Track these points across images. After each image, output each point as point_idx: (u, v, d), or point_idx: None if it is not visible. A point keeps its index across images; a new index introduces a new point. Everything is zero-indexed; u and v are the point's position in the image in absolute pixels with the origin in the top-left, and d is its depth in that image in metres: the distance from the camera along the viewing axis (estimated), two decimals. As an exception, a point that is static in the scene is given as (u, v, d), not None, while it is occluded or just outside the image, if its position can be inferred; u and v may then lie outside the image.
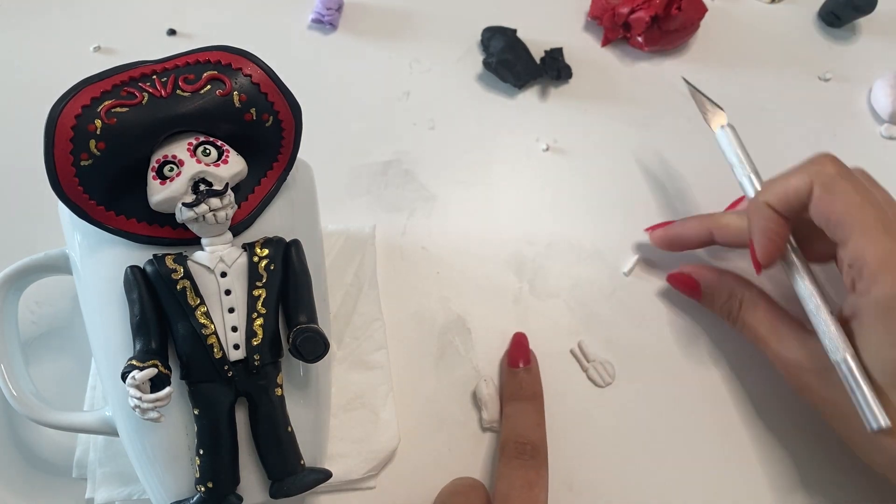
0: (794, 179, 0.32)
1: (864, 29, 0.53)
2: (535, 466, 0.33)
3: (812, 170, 0.31)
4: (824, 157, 0.32)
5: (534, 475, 0.33)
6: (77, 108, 0.25)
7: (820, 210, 0.31)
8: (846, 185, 0.30)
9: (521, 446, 0.34)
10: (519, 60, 0.47)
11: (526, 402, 0.36)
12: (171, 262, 0.27)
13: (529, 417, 0.35)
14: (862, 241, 0.29)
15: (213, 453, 0.28)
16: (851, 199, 0.30)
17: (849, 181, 0.30)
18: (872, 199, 0.30)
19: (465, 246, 0.42)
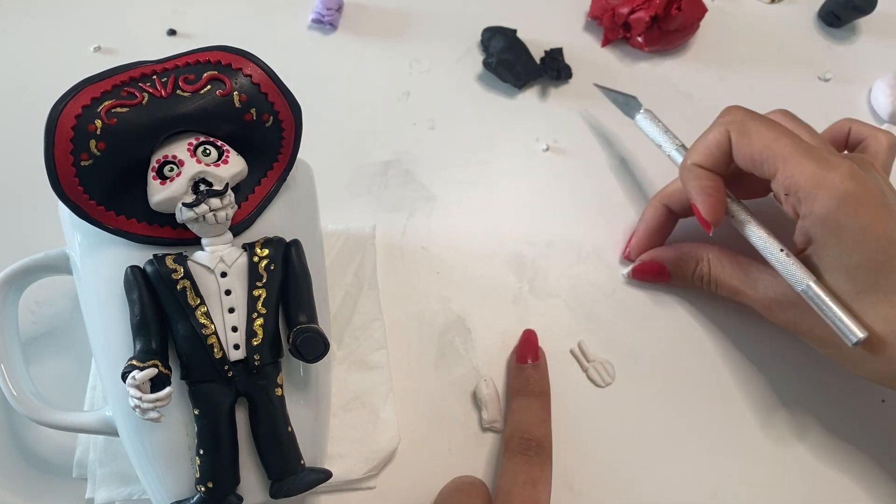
0: (711, 135, 0.34)
1: (864, 29, 0.53)
2: (538, 463, 0.33)
3: (724, 120, 0.34)
4: (732, 107, 0.34)
5: (537, 471, 0.33)
6: (77, 109, 0.25)
7: (742, 154, 0.33)
8: (757, 124, 0.32)
9: (526, 442, 0.34)
10: (519, 60, 0.47)
11: (533, 397, 0.36)
12: (172, 262, 0.27)
13: (535, 413, 0.35)
14: (788, 168, 0.31)
15: (214, 453, 0.28)
16: (766, 135, 0.32)
17: (759, 121, 0.33)
18: (784, 130, 0.32)
19: (465, 246, 0.42)
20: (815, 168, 0.30)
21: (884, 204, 0.30)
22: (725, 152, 0.33)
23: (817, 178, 0.30)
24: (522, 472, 0.33)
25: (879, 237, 0.30)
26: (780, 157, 0.31)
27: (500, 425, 0.37)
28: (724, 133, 0.33)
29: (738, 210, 0.35)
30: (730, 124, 0.33)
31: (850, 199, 0.30)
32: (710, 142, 0.34)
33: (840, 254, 0.31)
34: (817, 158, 0.31)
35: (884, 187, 0.32)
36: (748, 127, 0.32)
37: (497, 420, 0.37)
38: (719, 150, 0.33)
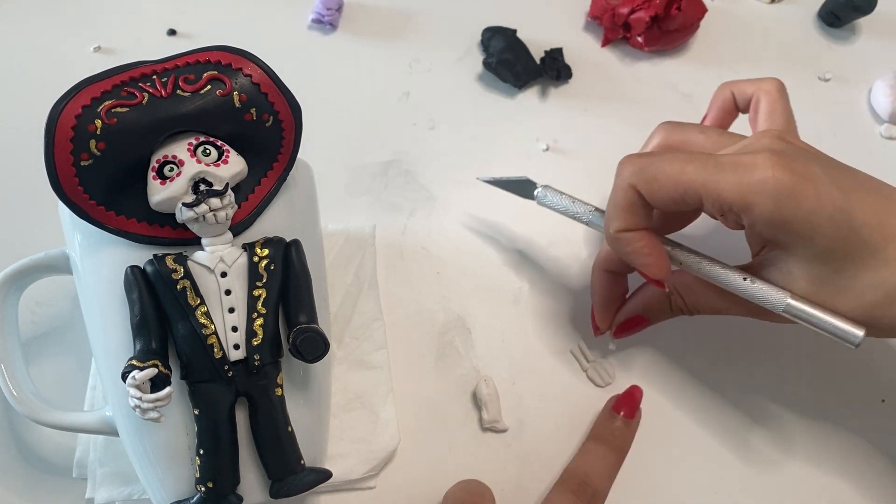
0: (619, 196, 0.31)
1: (864, 29, 0.53)
2: None
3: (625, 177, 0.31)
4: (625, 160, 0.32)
5: None
6: (77, 108, 0.25)
7: (659, 201, 0.31)
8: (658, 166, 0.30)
9: (583, 486, 0.33)
10: (519, 60, 0.47)
11: (610, 450, 0.35)
12: (172, 262, 0.27)
13: (606, 465, 0.34)
14: (710, 193, 0.29)
15: (214, 453, 0.28)
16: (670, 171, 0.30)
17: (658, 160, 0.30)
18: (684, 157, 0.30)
19: (465, 246, 0.42)
20: (736, 178, 0.28)
21: (818, 177, 0.28)
22: (642, 206, 0.31)
23: (743, 188, 0.28)
24: None
25: (832, 215, 0.28)
26: (696, 185, 0.29)
27: (500, 425, 0.37)
28: (631, 189, 0.31)
29: (683, 255, 0.33)
30: (632, 178, 0.31)
31: (785, 192, 0.28)
32: (621, 204, 0.31)
33: (799, 246, 0.29)
34: (732, 166, 0.29)
35: (807, 156, 0.30)
36: (649, 173, 0.30)
37: (497, 420, 0.37)
38: (635, 208, 0.31)
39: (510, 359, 0.39)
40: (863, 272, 0.29)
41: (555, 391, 0.38)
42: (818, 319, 0.30)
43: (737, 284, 0.31)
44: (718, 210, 0.30)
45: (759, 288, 0.31)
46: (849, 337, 0.30)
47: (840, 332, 0.30)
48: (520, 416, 0.37)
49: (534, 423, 0.37)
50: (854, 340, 0.29)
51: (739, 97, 0.37)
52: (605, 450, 0.35)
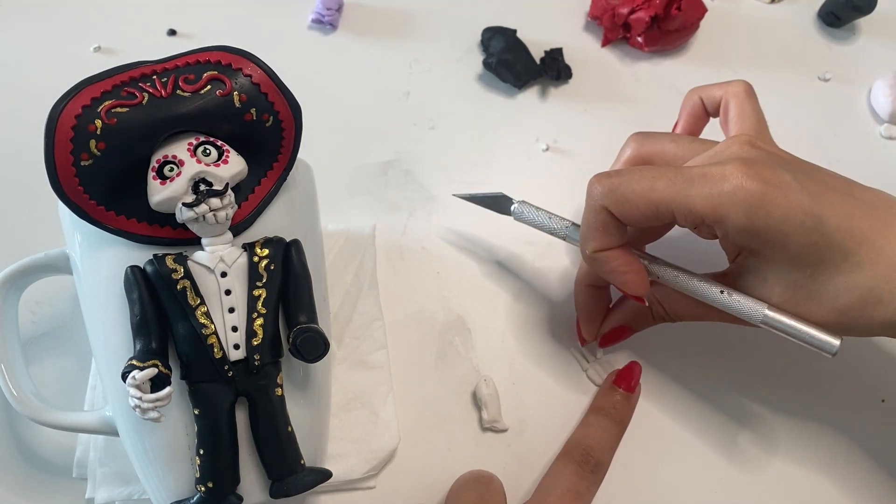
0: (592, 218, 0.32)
1: (863, 29, 0.53)
2: (588, 479, 0.33)
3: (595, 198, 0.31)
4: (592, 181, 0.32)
5: (584, 487, 0.33)
6: (77, 109, 0.25)
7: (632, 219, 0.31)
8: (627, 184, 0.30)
9: (587, 457, 0.34)
10: (519, 60, 0.47)
11: (612, 422, 0.36)
12: (172, 262, 0.27)
13: (608, 437, 0.35)
14: (682, 209, 0.29)
15: (214, 453, 0.28)
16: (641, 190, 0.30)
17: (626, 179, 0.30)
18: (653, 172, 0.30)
19: (465, 246, 0.42)
20: (706, 191, 0.29)
21: (788, 184, 0.28)
22: (616, 225, 0.31)
23: (714, 200, 0.28)
24: (570, 481, 0.33)
25: (802, 221, 0.28)
26: (668, 201, 0.29)
27: (500, 425, 0.37)
28: (603, 210, 0.31)
29: (660, 269, 0.33)
30: (601, 199, 0.31)
31: (755, 202, 0.28)
32: (595, 225, 0.31)
33: (772, 253, 0.29)
34: (701, 179, 0.29)
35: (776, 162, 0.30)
36: (620, 193, 0.30)
37: (497, 420, 0.37)
38: (609, 227, 0.31)
39: (510, 359, 0.39)
40: (836, 276, 0.29)
41: (555, 391, 0.38)
42: (795, 330, 0.30)
43: (714, 297, 0.31)
44: (691, 223, 0.30)
45: (736, 301, 0.31)
46: (825, 346, 0.30)
47: (817, 342, 0.30)
48: (520, 416, 0.37)
49: (534, 423, 0.37)
50: (830, 350, 0.30)
51: (708, 102, 0.37)
52: (606, 422, 0.36)
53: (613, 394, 0.37)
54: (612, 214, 0.31)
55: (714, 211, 0.29)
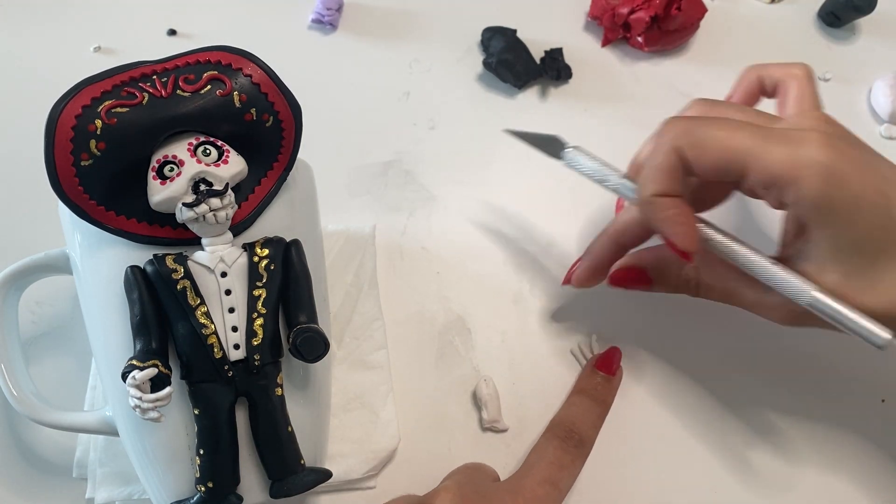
0: (660, 158, 0.30)
1: (864, 29, 0.53)
2: (572, 454, 0.34)
3: (669, 138, 0.30)
4: (671, 121, 0.31)
5: (568, 460, 0.33)
6: (77, 108, 0.25)
7: (703, 166, 0.30)
8: (706, 129, 0.29)
9: (569, 433, 0.34)
10: (519, 60, 0.47)
11: (593, 401, 0.36)
12: (172, 262, 0.27)
13: (590, 415, 0.36)
14: (759, 163, 0.28)
15: (214, 453, 0.28)
16: (720, 136, 0.29)
17: (706, 124, 0.30)
18: (737, 125, 0.29)
19: (465, 246, 0.42)
20: (786, 151, 0.28)
21: (864, 162, 0.28)
22: (681, 171, 0.30)
23: (793, 161, 0.28)
24: (553, 454, 0.33)
25: (874, 201, 0.28)
26: (744, 153, 0.28)
27: (500, 425, 0.37)
28: (675, 152, 0.30)
29: (710, 232, 0.32)
30: (676, 140, 0.30)
31: (835, 170, 0.27)
32: (662, 165, 0.30)
33: (839, 229, 0.28)
34: (782, 139, 0.28)
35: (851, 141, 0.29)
36: (697, 136, 0.29)
37: (497, 420, 0.37)
38: (675, 172, 0.30)
39: (510, 359, 0.39)
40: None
41: (555, 391, 0.38)
42: (843, 317, 0.29)
43: (762, 267, 0.30)
44: (762, 183, 0.29)
45: (787, 275, 0.30)
46: (874, 338, 0.28)
47: (865, 332, 0.28)
48: (520, 416, 0.37)
49: (534, 423, 0.37)
50: (879, 342, 0.28)
51: (767, 81, 0.36)
52: (588, 401, 0.36)
53: (595, 376, 0.37)
54: (681, 159, 0.30)
55: (791, 172, 0.28)
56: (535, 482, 0.32)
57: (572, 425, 0.35)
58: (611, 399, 0.37)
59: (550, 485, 0.32)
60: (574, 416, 0.35)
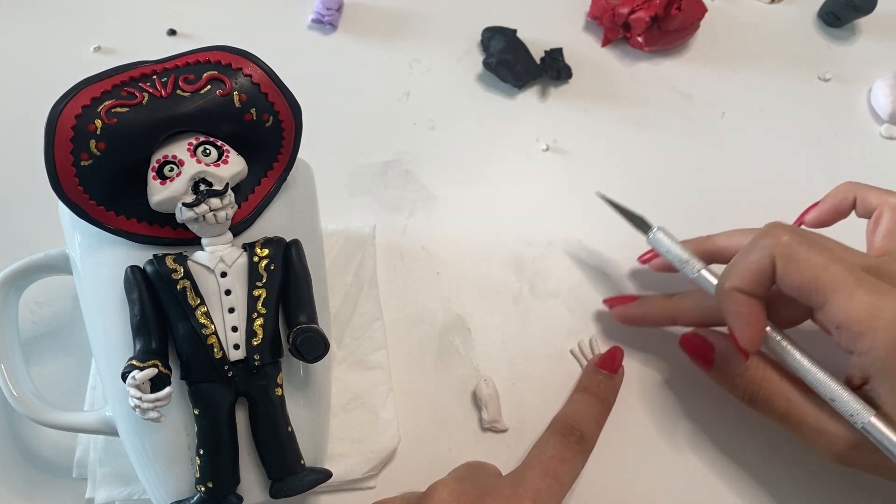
0: (753, 257, 0.31)
1: (864, 29, 0.53)
2: (573, 449, 0.34)
3: (768, 244, 0.31)
4: (776, 227, 0.31)
5: (569, 455, 0.33)
6: (77, 108, 0.25)
7: (788, 282, 0.30)
8: (806, 250, 0.30)
9: (570, 429, 0.34)
10: (519, 60, 0.47)
11: (595, 398, 0.36)
12: (171, 262, 0.27)
13: (592, 412, 0.36)
14: (840, 301, 0.28)
15: (214, 453, 0.28)
16: (816, 262, 0.29)
17: (808, 245, 0.30)
18: (836, 257, 0.29)
19: (465, 246, 0.42)
20: (869, 300, 0.28)
21: None
22: (768, 277, 0.30)
23: (873, 312, 0.27)
24: (554, 449, 0.33)
25: None
26: (832, 288, 0.28)
27: (500, 425, 0.37)
28: (769, 258, 0.30)
29: (779, 338, 0.32)
30: (775, 248, 0.30)
31: None
32: (752, 266, 0.31)
33: None
34: (871, 288, 0.28)
35: None
36: (796, 253, 0.30)
37: (497, 420, 0.37)
38: (762, 276, 0.30)
39: (510, 359, 0.39)
40: None
41: (555, 391, 0.38)
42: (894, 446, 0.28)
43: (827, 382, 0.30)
44: (837, 322, 0.29)
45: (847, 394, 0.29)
46: None
47: None
48: (520, 416, 0.37)
49: (534, 423, 0.37)
50: None
51: (861, 204, 0.35)
52: (590, 399, 0.36)
53: (597, 374, 0.37)
54: (772, 266, 0.30)
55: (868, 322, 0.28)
56: (536, 475, 0.32)
57: (574, 422, 0.35)
58: (613, 397, 0.37)
59: (552, 478, 0.32)
60: (576, 413, 0.36)
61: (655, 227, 0.37)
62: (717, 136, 0.48)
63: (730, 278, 0.32)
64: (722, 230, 0.37)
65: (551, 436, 0.35)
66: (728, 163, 0.46)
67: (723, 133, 0.48)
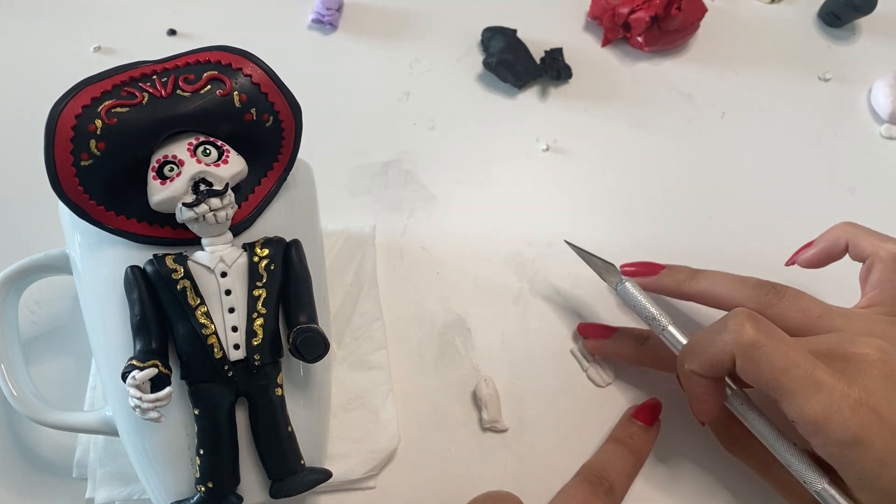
0: (714, 349, 0.30)
1: (864, 29, 0.53)
2: (601, 500, 0.33)
3: (730, 340, 0.30)
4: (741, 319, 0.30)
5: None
6: (77, 108, 0.25)
7: (747, 377, 0.30)
8: (768, 353, 0.29)
9: (600, 479, 0.34)
10: (519, 60, 0.47)
11: (628, 450, 0.35)
12: (172, 262, 0.27)
13: (623, 464, 0.35)
14: (796, 405, 0.28)
15: (214, 453, 0.28)
16: (775, 366, 0.29)
17: (770, 346, 0.29)
18: (793, 360, 0.29)
19: (465, 246, 0.42)
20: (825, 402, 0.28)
21: None
22: (727, 368, 0.30)
23: (827, 414, 0.28)
24: (581, 497, 0.33)
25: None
26: (788, 390, 0.28)
27: (500, 425, 0.37)
28: (729, 354, 0.30)
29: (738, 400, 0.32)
30: (736, 347, 0.29)
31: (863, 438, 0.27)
32: (711, 357, 0.30)
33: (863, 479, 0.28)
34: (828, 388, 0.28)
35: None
36: (756, 354, 0.29)
37: (497, 420, 0.37)
38: (720, 366, 0.30)
39: (510, 359, 0.39)
40: None
41: (555, 391, 0.38)
42: None
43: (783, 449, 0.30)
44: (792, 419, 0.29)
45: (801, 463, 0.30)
46: None
47: None
48: (520, 416, 0.37)
49: (534, 423, 0.37)
50: None
51: (853, 250, 0.35)
52: (622, 449, 0.35)
53: (631, 425, 0.36)
54: (732, 360, 0.30)
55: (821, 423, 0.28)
56: None
57: (603, 471, 0.34)
58: (647, 450, 0.36)
59: None
60: (606, 463, 0.35)
61: (624, 279, 0.36)
62: (717, 136, 0.48)
63: (689, 361, 0.31)
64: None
65: (579, 483, 0.34)
66: (728, 163, 0.46)
67: (723, 133, 0.48)
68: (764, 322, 0.30)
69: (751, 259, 0.41)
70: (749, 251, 0.42)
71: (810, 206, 0.45)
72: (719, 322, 0.31)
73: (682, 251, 0.42)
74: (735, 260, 0.41)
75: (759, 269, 0.36)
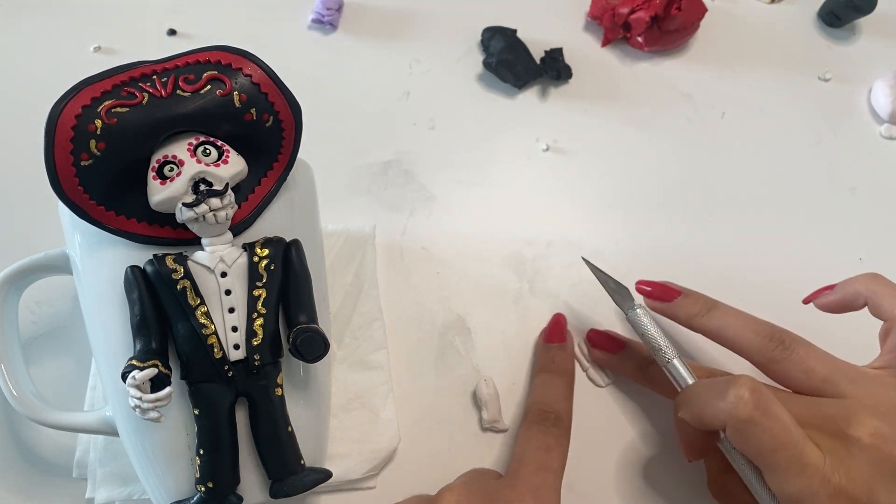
0: (709, 410, 0.30)
1: (864, 29, 0.53)
2: (554, 433, 0.34)
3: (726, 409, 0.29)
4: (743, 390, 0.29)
5: (552, 440, 0.34)
6: (77, 108, 0.25)
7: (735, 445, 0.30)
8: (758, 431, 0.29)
9: (544, 414, 0.35)
10: (519, 60, 0.47)
11: (556, 375, 0.37)
12: (172, 262, 0.27)
13: (557, 389, 0.36)
14: (779, 480, 0.29)
15: (214, 453, 0.28)
16: (764, 444, 0.29)
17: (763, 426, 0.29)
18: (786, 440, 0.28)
19: (465, 246, 0.42)
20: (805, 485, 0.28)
21: None
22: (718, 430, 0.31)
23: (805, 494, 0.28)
24: (536, 440, 0.34)
25: None
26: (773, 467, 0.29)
27: (500, 425, 0.37)
28: (722, 422, 0.30)
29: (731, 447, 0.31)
30: (730, 419, 0.29)
31: None
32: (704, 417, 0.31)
33: None
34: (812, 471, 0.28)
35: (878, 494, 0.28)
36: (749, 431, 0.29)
37: (497, 420, 0.37)
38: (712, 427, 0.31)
39: (510, 359, 0.39)
40: None
41: (555, 391, 0.38)
42: None
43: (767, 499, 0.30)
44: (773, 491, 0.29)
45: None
46: None
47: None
48: (520, 417, 0.37)
49: (534, 423, 0.37)
50: None
51: (873, 308, 0.34)
52: (550, 377, 0.37)
53: (549, 350, 0.38)
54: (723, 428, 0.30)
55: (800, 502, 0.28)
56: (530, 472, 0.32)
57: (545, 405, 0.35)
58: (572, 367, 0.38)
59: (545, 470, 0.32)
60: (543, 396, 0.36)
61: (637, 305, 0.36)
62: (717, 136, 0.48)
63: (683, 411, 0.32)
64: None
65: (528, 427, 0.35)
66: (728, 163, 0.46)
67: (723, 133, 0.48)
68: (764, 396, 0.29)
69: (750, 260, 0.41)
70: (749, 252, 0.42)
71: (810, 206, 0.45)
72: (721, 383, 0.30)
73: (682, 251, 0.42)
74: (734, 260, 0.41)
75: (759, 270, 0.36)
